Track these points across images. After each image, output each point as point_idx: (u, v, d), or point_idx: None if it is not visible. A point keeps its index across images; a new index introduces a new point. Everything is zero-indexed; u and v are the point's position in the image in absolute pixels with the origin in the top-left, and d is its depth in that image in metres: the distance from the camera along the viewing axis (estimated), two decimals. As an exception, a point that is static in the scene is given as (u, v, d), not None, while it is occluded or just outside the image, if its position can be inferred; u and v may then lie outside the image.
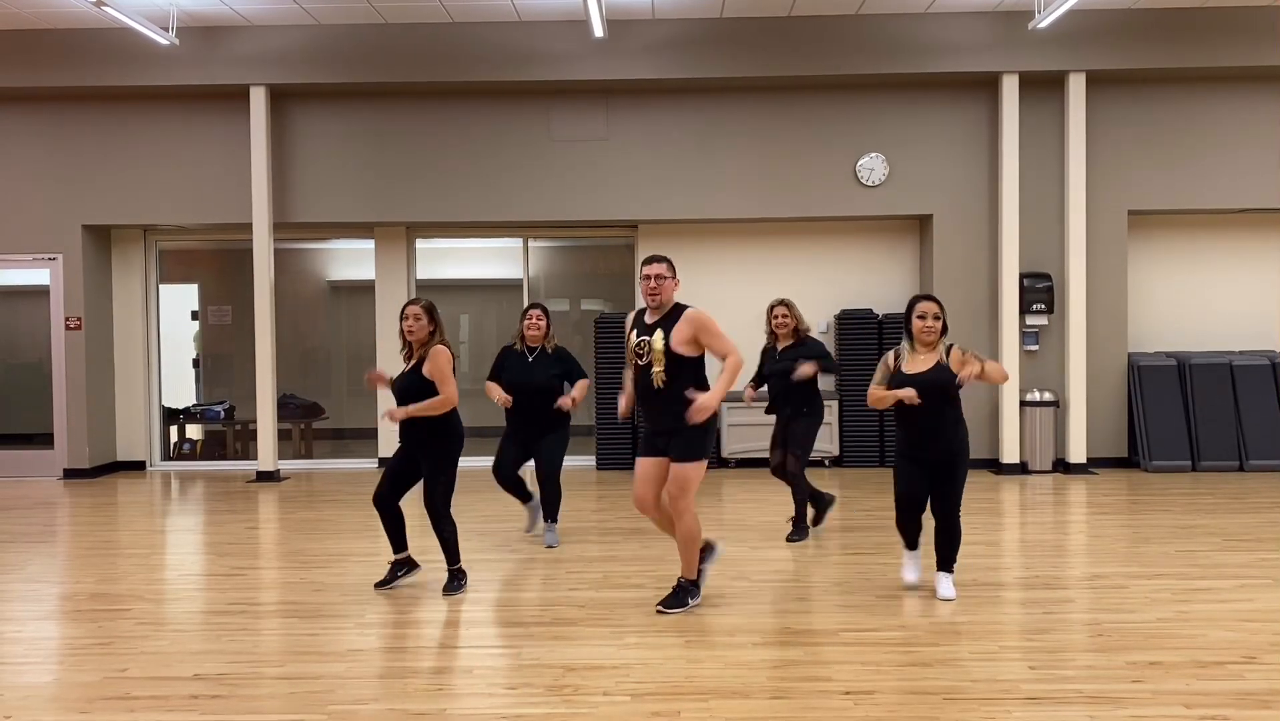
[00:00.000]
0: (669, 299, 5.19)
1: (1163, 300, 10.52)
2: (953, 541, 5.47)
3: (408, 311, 5.61)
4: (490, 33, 9.71)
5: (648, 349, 5.13)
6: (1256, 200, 10.02)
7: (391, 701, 4.14)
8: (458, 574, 5.75)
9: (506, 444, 6.93)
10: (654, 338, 5.12)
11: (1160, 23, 9.52)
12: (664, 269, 5.18)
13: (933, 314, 5.33)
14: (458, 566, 5.76)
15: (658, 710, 3.99)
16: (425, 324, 5.58)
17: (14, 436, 10.77)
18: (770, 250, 10.68)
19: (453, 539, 5.73)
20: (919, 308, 5.36)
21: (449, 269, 11.68)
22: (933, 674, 4.37)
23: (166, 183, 10.25)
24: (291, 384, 11.30)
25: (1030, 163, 9.98)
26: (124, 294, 10.85)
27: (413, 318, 5.57)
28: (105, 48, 9.71)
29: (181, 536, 7.95)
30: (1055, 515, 8.15)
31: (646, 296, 5.19)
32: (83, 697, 4.23)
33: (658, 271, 5.16)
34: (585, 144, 10.19)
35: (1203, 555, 6.46)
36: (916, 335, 5.35)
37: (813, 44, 9.66)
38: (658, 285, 5.15)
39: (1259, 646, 4.67)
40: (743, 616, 5.26)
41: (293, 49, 9.77)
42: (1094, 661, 4.50)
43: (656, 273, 5.16)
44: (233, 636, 5.01)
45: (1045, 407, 9.89)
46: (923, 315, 5.33)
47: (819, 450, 10.09)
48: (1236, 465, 9.88)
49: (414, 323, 5.57)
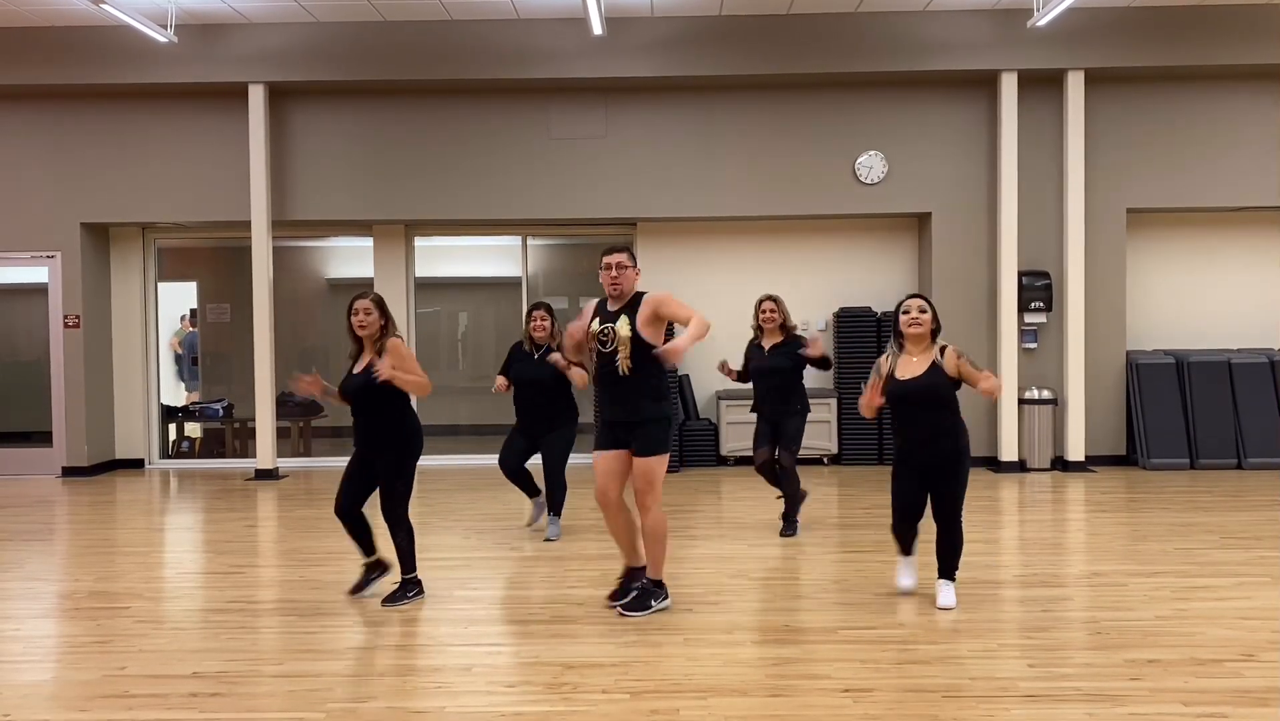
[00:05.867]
0: (630, 289, 5.12)
1: (1161, 298, 10.53)
2: (954, 547, 5.30)
3: (358, 306, 5.35)
4: (489, 30, 9.70)
5: (612, 335, 5.06)
6: (1255, 199, 10.03)
7: (390, 699, 4.14)
8: (410, 584, 5.49)
9: (513, 437, 7.07)
10: (618, 324, 5.06)
11: (1159, 21, 9.52)
12: (624, 258, 5.11)
13: (917, 307, 5.16)
14: (412, 575, 5.51)
15: (656, 708, 4.00)
16: (376, 318, 5.35)
17: (12, 434, 10.76)
18: (769, 248, 10.68)
19: (408, 546, 5.47)
20: (904, 304, 5.23)
21: (448, 267, 11.67)
22: (931, 671, 4.37)
23: (165, 181, 10.24)
24: (290, 382, 11.30)
25: (1029, 161, 9.98)
26: (122, 292, 10.84)
27: (363, 311, 5.34)
28: (104, 46, 9.70)
29: (180, 534, 7.95)
30: (1054, 513, 8.16)
31: (608, 287, 5.11)
32: (81, 695, 4.22)
33: (618, 261, 5.09)
34: (584, 142, 10.19)
35: (1201, 553, 6.47)
36: (902, 330, 5.20)
37: (812, 42, 9.66)
38: (619, 274, 5.09)
39: (1257, 644, 4.67)
40: (741, 614, 5.26)
41: (291, 47, 9.76)
42: (1092, 659, 4.50)
43: (617, 261, 5.09)
44: (231, 634, 5.01)
45: (1044, 405, 9.90)
46: (906, 310, 5.18)
47: (818, 448, 10.12)
48: (1235, 463, 9.88)
49: (365, 316, 5.34)
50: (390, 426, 5.38)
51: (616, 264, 5.09)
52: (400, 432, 5.40)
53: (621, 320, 5.07)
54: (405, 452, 5.42)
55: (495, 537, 7.12)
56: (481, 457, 10.53)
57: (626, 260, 5.12)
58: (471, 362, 11.83)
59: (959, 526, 5.28)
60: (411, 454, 5.45)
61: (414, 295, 11.00)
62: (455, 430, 11.66)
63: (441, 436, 11.20)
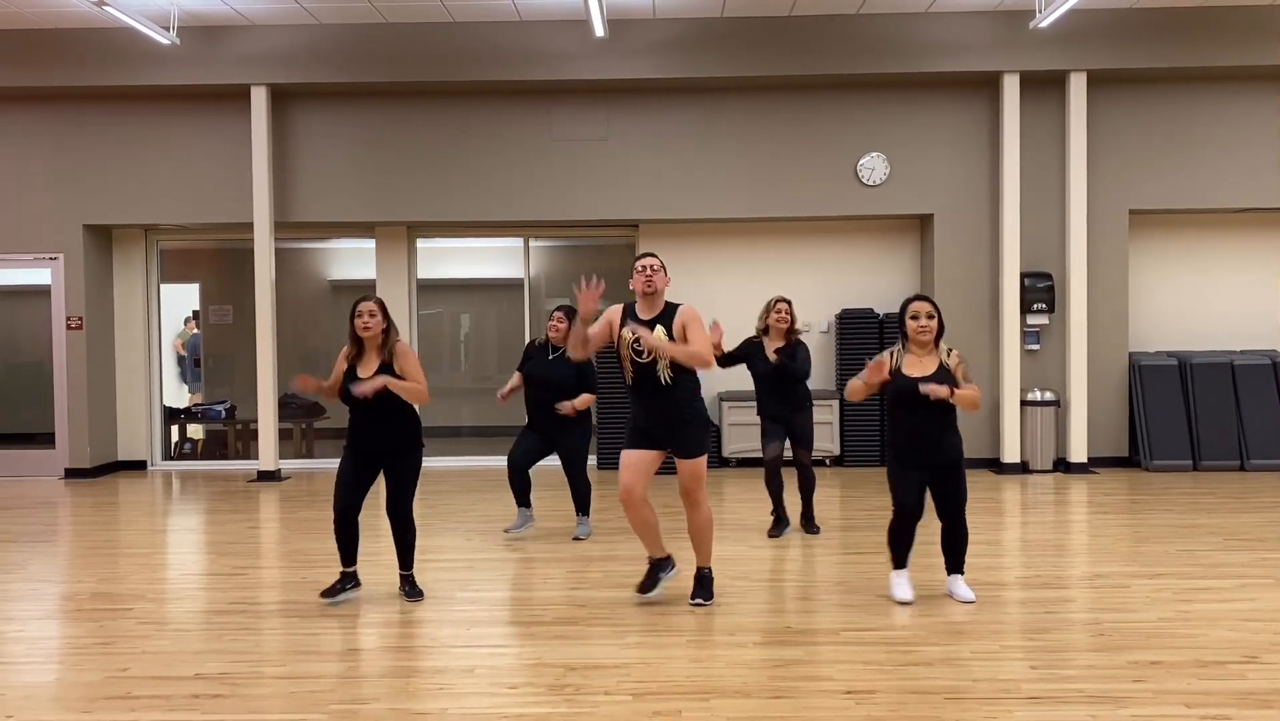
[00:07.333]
0: (663, 291, 5.29)
1: (1164, 299, 10.52)
2: (962, 542, 5.40)
3: (362, 308, 5.44)
4: (491, 32, 9.71)
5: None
6: (1258, 200, 10.02)
7: (393, 701, 4.14)
8: (412, 579, 5.67)
9: (524, 434, 7.12)
10: (655, 334, 5.14)
11: (1161, 22, 9.51)
12: (658, 263, 5.30)
13: (926, 313, 5.22)
14: (409, 573, 5.67)
15: (659, 709, 3.99)
16: (380, 320, 5.44)
17: (15, 436, 10.77)
18: (771, 250, 10.68)
19: (413, 544, 5.65)
20: (912, 308, 5.27)
21: (450, 268, 11.68)
22: (934, 673, 4.37)
23: (167, 182, 10.25)
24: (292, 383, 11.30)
25: (1031, 162, 9.97)
26: (125, 293, 10.85)
27: (368, 314, 5.41)
28: (106, 47, 9.71)
29: (183, 536, 7.96)
30: (1056, 515, 8.15)
31: (642, 286, 5.23)
32: (84, 697, 4.23)
33: (654, 264, 5.28)
34: (586, 143, 10.19)
35: (1204, 554, 6.46)
36: (912, 336, 5.24)
37: (813, 43, 9.66)
38: (653, 275, 5.24)
39: (1260, 646, 4.67)
40: (744, 615, 5.26)
41: (294, 48, 9.77)
42: (1095, 661, 4.50)
43: (652, 265, 5.27)
44: (234, 636, 5.02)
45: (1046, 407, 9.89)
46: (915, 315, 5.23)
47: (820, 449, 10.11)
48: (1238, 464, 9.87)
49: (370, 319, 5.40)
50: (402, 428, 5.50)
51: (652, 267, 5.26)
52: (412, 433, 5.54)
53: (658, 330, 5.16)
54: (418, 451, 5.57)
55: (498, 539, 7.12)
56: (484, 459, 10.55)
57: (659, 264, 5.30)
58: (474, 364, 11.84)
59: (965, 521, 5.39)
60: (420, 451, 5.59)
61: (416, 297, 11.00)
62: (458, 431, 11.67)
63: (444, 438, 11.20)
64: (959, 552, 5.43)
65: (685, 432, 5.25)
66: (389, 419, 5.45)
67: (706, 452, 5.32)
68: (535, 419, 7.07)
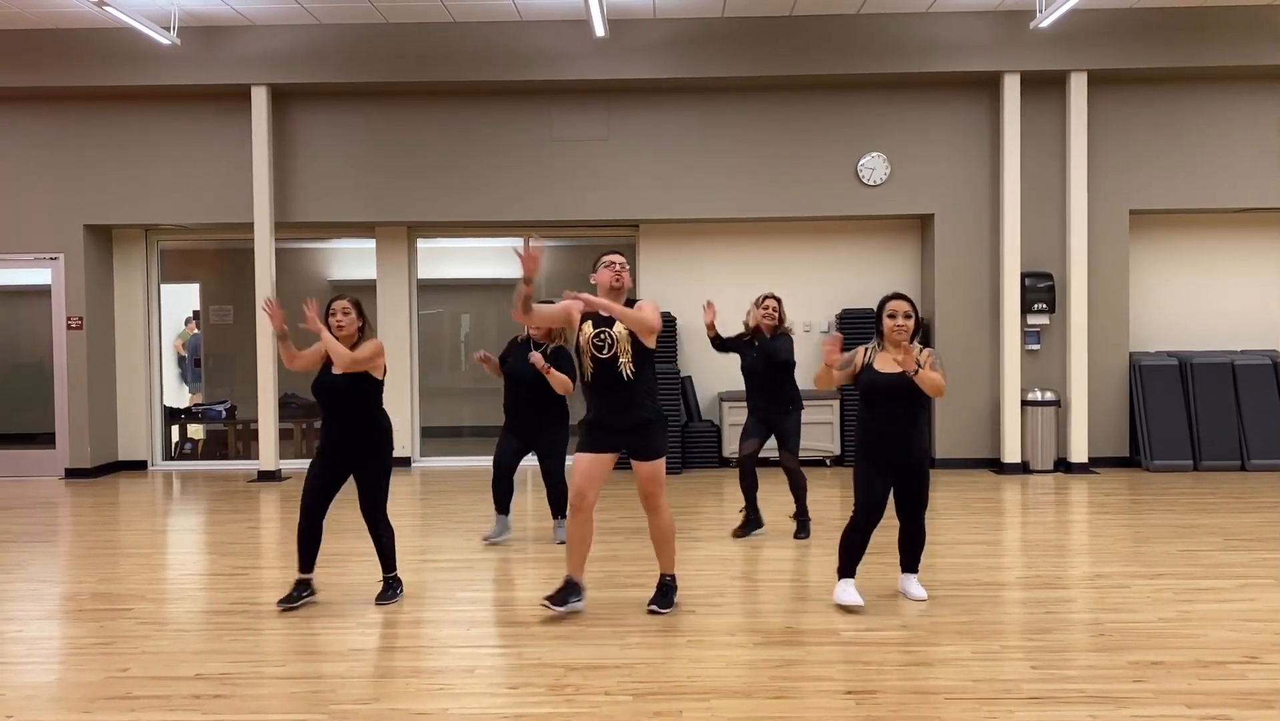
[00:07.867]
0: (626, 293, 5.22)
1: (1164, 299, 10.52)
2: (920, 543, 5.46)
3: (335, 307, 5.43)
4: (491, 32, 9.71)
5: (610, 340, 5.10)
6: (1258, 200, 10.02)
7: (393, 701, 4.14)
8: (394, 581, 5.60)
9: (506, 436, 7.02)
10: (616, 329, 5.11)
11: (1161, 22, 9.51)
12: (624, 260, 5.29)
13: (903, 312, 5.19)
14: (394, 574, 5.61)
15: (660, 710, 3.99)
16: (354, 319, 5.43)
17: (16, 436, 10.77)
18: (772, 249, 10.68)
19: (392, 546, 5.58)
20: (890, 306, 5.23)
21: (450, 268, 11.67)
22: (934, 673, 4.37)
23: (168, 182, 10.25)
24: (293, 383, 11.29)
25: (1031, 162, 9.97)
26: (125, 293, 10.85)
27: (341, 312, 5.41)
28: (106, 47, 9.71)
29: (183, 536, 7.96)
30: (1057, 515, 8.15)
31: (611, 280, 5.17)
32: (85, 697, 4.23)
33: (622, 260, 5.26)
34: (586, 143, 10.19)
35: (1204, 555, 6.46)
36: (887, 334, 5.20)
37: (814, 43, 9.66)
38: (623, 270, 5.21)
39: (1261, 646, 4.66)
40: (744, 616, 5.27)
41: (294, 49, 9.77)
42: (1096, 661, 4.50)
43: (621, 261, 5.25)
44: (234, 636, 5.02)
45: (1046, 407, 9.88)
46: (893, 314, 5.19)
47: (820, 449, 10.12)
48: (1238, 465, 9.87)
49: (343, 318, 5.40)
50: (367, 429, 5.44)
51: (621, 263, 5.24)
52: (376, 434, 5.47)
53: (618, 324, 5.10)
54: (387, 453, 5.50)
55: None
56: (483, 459, 10.48)
57: (626, 262, 5.29)
58: (474, 365, 11.80)
59: (924, 523, 5.43)
60: (391, 453, 5.54)
61: (416, 297, 11.00)
62: (457, 431, 11.66)
63: (443, 438, 11.20)
64: (915, 553, 5.49)
65: (645, 432, 5.13)
66: (355, 420, 5.42)
67: (664, 456, 5.21)
68: (513, 416, 6.96)
